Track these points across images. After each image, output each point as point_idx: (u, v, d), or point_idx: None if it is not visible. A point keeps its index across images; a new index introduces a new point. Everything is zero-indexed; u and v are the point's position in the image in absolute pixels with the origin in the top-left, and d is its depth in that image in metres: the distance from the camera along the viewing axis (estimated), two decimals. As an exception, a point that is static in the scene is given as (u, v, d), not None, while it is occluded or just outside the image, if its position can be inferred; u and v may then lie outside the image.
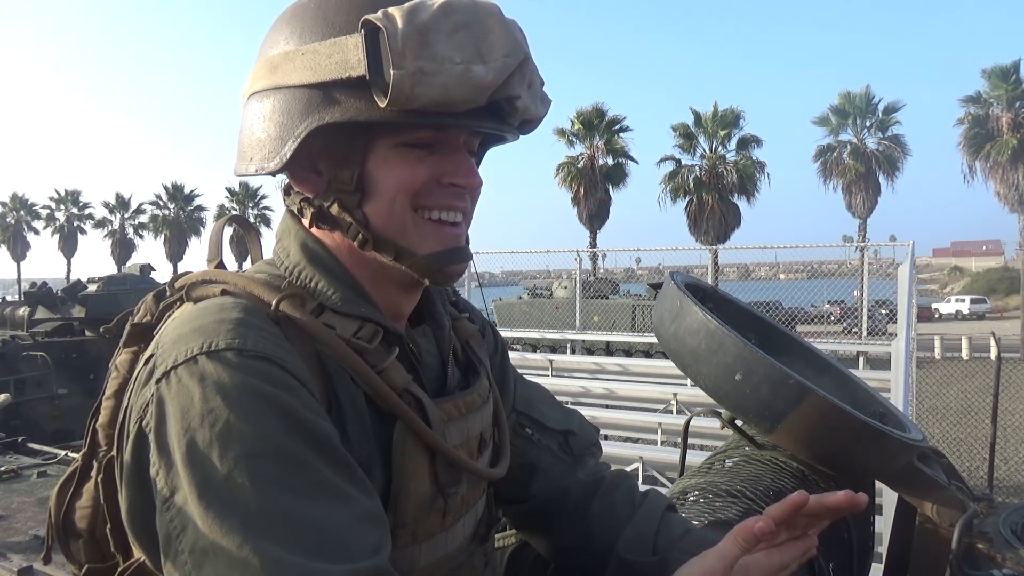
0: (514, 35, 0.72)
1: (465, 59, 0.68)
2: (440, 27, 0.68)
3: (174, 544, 0.60)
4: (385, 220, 0.76)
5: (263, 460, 0.61)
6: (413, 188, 0.75)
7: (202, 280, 0.77)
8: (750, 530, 0.68)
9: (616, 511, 0.95)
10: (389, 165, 0.74)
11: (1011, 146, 21.66)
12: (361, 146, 0.74)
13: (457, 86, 0.68)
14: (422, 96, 0.68)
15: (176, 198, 37.99)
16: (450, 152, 0.76)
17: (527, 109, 0.74)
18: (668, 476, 6.62)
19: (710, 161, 24.68)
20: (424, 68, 0.67)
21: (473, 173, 0.78)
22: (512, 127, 0.76)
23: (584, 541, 0.95)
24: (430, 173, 0.75)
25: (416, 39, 0.67)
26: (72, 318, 10.57)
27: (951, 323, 35.67)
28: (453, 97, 0.68)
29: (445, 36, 0.68)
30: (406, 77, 0.67)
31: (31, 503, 2.91)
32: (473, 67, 0.68)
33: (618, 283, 20.86)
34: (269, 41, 0.77)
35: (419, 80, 0.67)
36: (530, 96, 0.74)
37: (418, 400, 0.77)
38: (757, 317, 1.50)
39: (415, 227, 0.76)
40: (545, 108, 0.79)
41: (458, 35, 0.68)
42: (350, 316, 0.76)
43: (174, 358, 0.66)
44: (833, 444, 1.09)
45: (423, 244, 0.77)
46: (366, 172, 0.75)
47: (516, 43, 0.71)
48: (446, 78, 0.68)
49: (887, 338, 10.23)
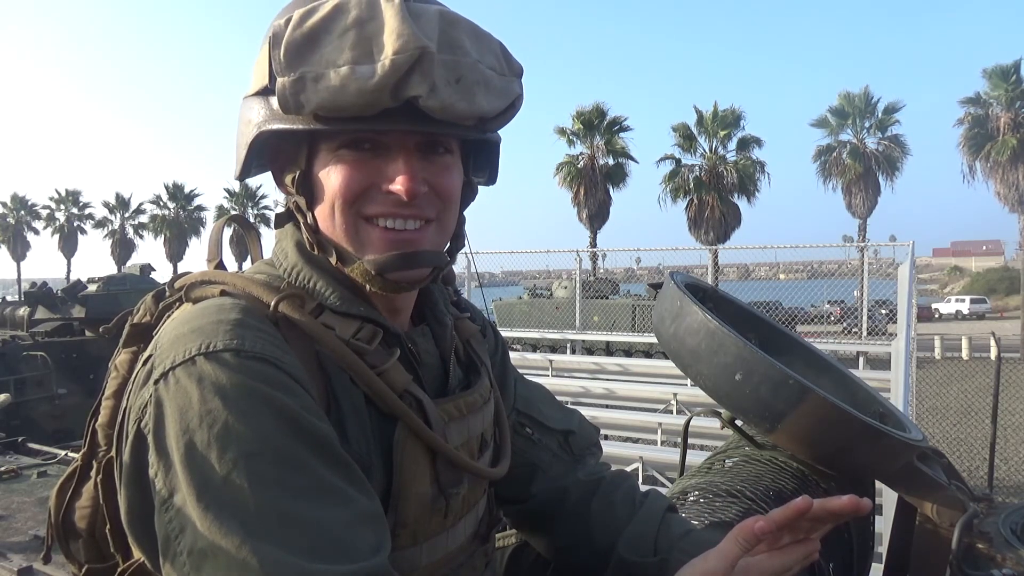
0: (410, 29, 0.66)
1: (353, 60, 0.66)
2: (332, 27, 0.67)
3: (173, 545, 0.60)
4: (327, 224, 0.76)
5: (261, 461, 0.61)
6: (351, 194, 0.74)
7: (201, 281, 0.77)
8: (751, 530, 0.68)
9: (616, 511, 0.95)
10: (328, 170, 0.74)
11: (1011, 146, 21.66)
12: (304, 150, 0.75)
13: (342, 90, 0.66)
14: (308, 102, 0.67)
15: (176, 198, 37.99)
16: (395, 156, 0.73)
17: (448, 108, 0.68)
18: (668, 476, 6.62)
19: (710, 161, 24.68)
20: (306, 74, 0.66)
21: (412, 178, 0.72)
22: (452, 126, 0.71)
23: (584, 540, 0.95)
24: (370, 179, 0.74)
25: (302, 43, 0.66)
26: (72, 318, 10.57)
27: (951, 323, 35.67)
28: (341, 101, 0.66)
29: (336, 37, 0.66)
30: (287, 84, 0.67)
31: (31, 503, 2.92)
32: (358, 68, 0.65)
33: (618, 283, 20.85)
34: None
35: (302, 87, 0.66)
36: (456, 92, 0.69)
37: (418, 400, 0.77)
38: (757, 317, 1.50)
39: (356, 232, 0.75)
40: (498, 101, 0.73)
41: (349, 34, 0.66)
42: (349, 316, 0.76)
43: (172, 359, 0.66)
44: (833, 444, 1.09)
45: (364, 248, 0.75)
46: (313, 176, 0.76)
47: (410, 37, 0.65)
48: (331, 81, 0.66)
49: (887, 338, 10.23)
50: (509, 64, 0.76)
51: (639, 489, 1.00)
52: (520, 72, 0.77)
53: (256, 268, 0.83)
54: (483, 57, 0.72)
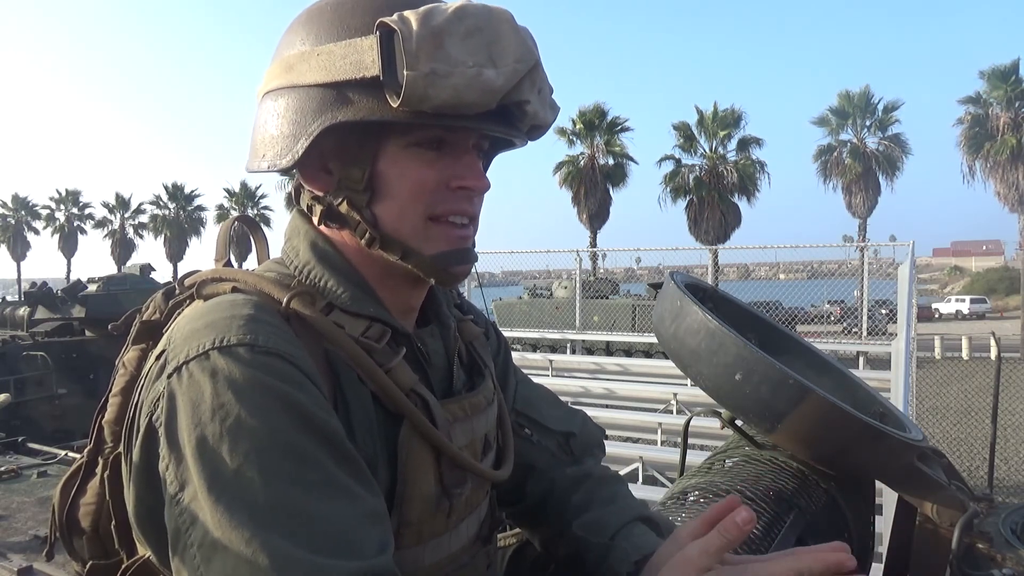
0: (525, 41, 0.73)
1: (477, 63, 0.69)
2: (454, 31, 0.69)
3: (183, 538, 0.60)
4: (396, 221, 0.77)
5: (273, 455, 0.61)
6: (425, 192, 0.76)
7: (212, 278, 0.78)
8: (732, 522, 0.69)
9: (592, 505, 0.95)
10: (399, 166, 0.75)
11: (1010, 146, 21.67)
12: (373, 146, 0.75)
13: (468, 89, 0.69)
14: (434, 97, 0.68)
15: (176, 198, 38.01)
16: (460, 155, 0.77)
17: (536, 114, 0.75)
18: (668, 476, 6.62)
19: (710, 161, 24.69)
20: (437, 70, 0.68)
21: (481, 176, 0.78)
22: (521, 132, 0.77)
23: (558, 531, 0.95)
24: (439, 176, 0.76)
25: (430, 42, 0.68)
26: (72, 318, 10.56)
27: (951, 323, 35.69)
28: (464, 99, 0.69)
29: (459, 40, 0.69)
30: (419, 78, 0.68)
31: (31, 503, 2.92)
32: (485, 71, 0.69)
33: (618, 283, 20.87)
34: (285, 42, 0.78)
35: (432, 81, 0.68)
36: (539, 102, 0.75)
37: (424, 400, 0.78)
38: (757, 317, 1.50)
39: (424, 229, 0.77)
40: (554, 115, 0.80)
41: (471, 39, 0.70)
42: (359, 316, 0.77)
43: (186, 353, 0.66)
44: (833, 444, 1.09)
45: (429, 245, 0.77)
46: (377, 172, 0.76)
47: (527, 49, 0.72)
48: (458, 80, 0.68)
49: (887, 338, 10.24)
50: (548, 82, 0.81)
51: (630, 495, 0.99)
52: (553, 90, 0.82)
53: (266, 267, 0.84)
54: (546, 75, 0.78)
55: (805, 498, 1.17)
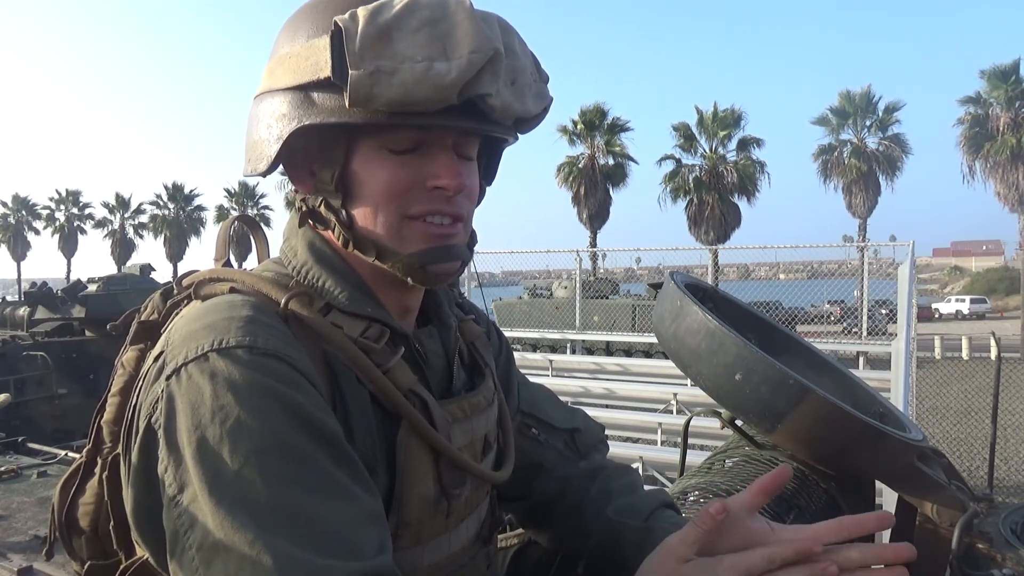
0: (483, 30, 0.69)
1: (428, 56, 0.67)
2: (404, 25, 0.68)
3: (181, 541, 0.60)
4: (367, 221, 0.76)
5: (273, 456, 0.61)
6: (397, 193, 0.74)
7: (210, 278, 0.78)
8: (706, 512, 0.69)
9: (611, 495, 0.95)
10: (370, 167, 0.74)
11: (1010, 146, 21.67)
12: (343, 147, 0.75)
13: (418, 85, 0.67)
14: (380, 96, 0.67)
15: (176, 198, 38.03)
16: (436, 154, 0.75)
17: (507, 107, 0.72)
18: (668, 476, 6.61)
19: (710, 161, 24.69)
20: (382, 67, 0.67)
21: (458, 175, 0.75)
22: (497, 126, 0.74)
23: (578, 524, 0.95)
24: (415, 176, 0.74)
25: (376, 38, 0.67)
26: (72, 318, 10.56)
27: (951, 323, 35.68)
28: (414, 96, 0.67)
29: (409, 34, 0.67)
30: (364, 77, 0.67)
31: (31, 503, 2.92)
32: (435, 65, 0.67)
33: (618, 283, 20.86)
34: (274, 45, 0.78)
35: (377, 79, 0.67)
36: (512, 93, 0.72)
37: (423, 401, 0.77)
38: (757, 317, 1.50)
39: (400, 229, 0.76)
40: (538, 105, 0.77)
41: (422, 32, 0.68)
42: (357, 316, 0.76)
43: (184, 355, 0.66)
44: (833, 444, 1.09)
45: (405, 244, 0.76)
46: (350, 173, 0.75)
47: (485, 38, 0.69)
48: (406, 76, 0.67)
49: (887, 338, 10.24)
50: (540, 72, 0.78)
51: (641, 484, 1.00)
52: (548, 80, 0.80)
53: (264, 267, 0.83)
54: (526, 63, 0.75)
55: (805, 498, 1.17)
